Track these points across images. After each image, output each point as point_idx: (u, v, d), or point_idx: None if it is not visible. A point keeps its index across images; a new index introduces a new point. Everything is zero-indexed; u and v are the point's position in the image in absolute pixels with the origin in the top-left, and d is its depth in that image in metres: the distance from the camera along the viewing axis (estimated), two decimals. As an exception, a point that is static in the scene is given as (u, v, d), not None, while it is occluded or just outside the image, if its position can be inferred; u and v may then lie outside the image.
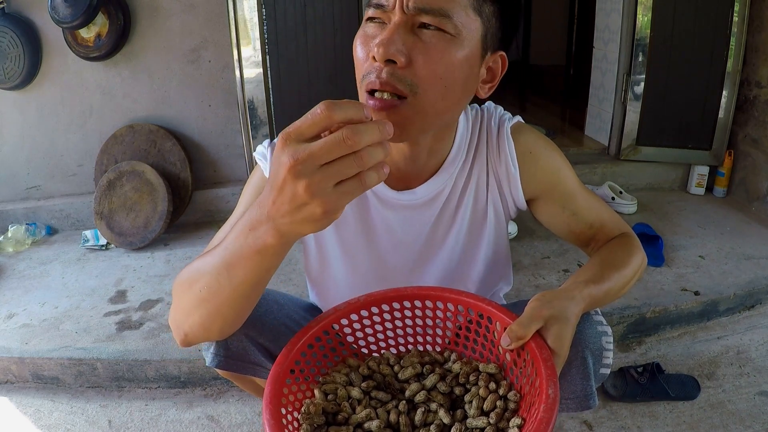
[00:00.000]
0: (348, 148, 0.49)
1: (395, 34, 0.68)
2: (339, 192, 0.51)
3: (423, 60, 0.69)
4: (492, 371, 0.71)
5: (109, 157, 2.40)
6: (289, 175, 0.49)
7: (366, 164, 0.50)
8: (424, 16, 0.68)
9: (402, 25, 0.69)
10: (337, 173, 0.50)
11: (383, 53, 0.67)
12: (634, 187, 2.58)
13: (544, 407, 0.57)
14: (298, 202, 0.51)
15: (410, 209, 0.90)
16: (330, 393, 0.71)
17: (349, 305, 0.78)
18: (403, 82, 0.69)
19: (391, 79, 0.68)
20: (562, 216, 0.92)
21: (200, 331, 0.72)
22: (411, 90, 0.69)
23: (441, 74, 0.70)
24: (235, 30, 2.14)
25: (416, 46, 0.69)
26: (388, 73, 0.68)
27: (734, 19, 2.28)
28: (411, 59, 0.68)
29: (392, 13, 0.69)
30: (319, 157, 0.49)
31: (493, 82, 0.79)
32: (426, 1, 0.68)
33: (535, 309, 0.67)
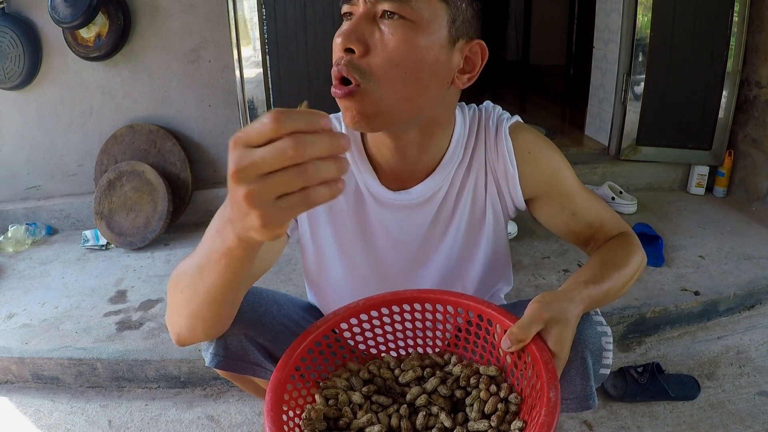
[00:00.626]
0: (290, 160, 0.44)
1: (356, 25, 0.71)
2: (278, 206, 0.46)
3: (380, 48, 0.71)
4: (493, 374, 0.71)
5: (109, 157, 2.40)
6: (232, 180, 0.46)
7: (311, 179, 0.45)
8: (384, 4, 0.70)
9: (364, 15, 0.72)
10: (278, 185, 0.45)
11: (342, 43, 0.71)
12: (634, 187, 2.58)
13: (546, 411, 0.57)
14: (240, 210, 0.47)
15: (406, 209, 0.90)
16: (331, 398, 0.71)
17: (349, 309, 0.78)
18: (357, 70, 0.72)
19: (346, 67, 0.72)
20: (561, 216, 0.92)
21: (188, 331, 0.72)
22: (364, 77, 0.72)
23: (397, 61, 0.72)
24: (235, 30, 2.15)
25: (374, 35, 0.72)
26: (346, 61, 0.72)
27: (734, 19, 2.28)
28: (368, 48, 0.71)
29: (358, 6, 0.73)
30: (259, 166, 0.44)
31: (472, 73, 0.80)
32: None
33: (535, 311, 0.67)
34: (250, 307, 0.86)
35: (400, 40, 0.71)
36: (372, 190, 0.89)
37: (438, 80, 0.77)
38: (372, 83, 0.72)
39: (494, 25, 4.71)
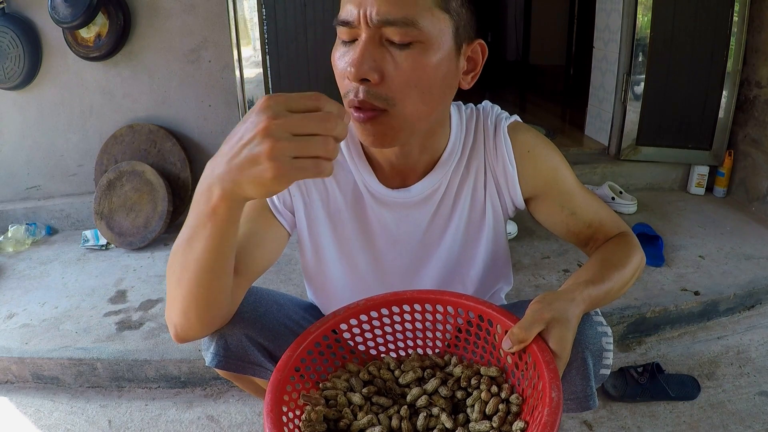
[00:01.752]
0: (323, 130, 0.53)
1: (365, 52, 0.69)
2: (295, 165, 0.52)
3: (395, 73, 0.70)
4: (493, 374, 0.71)
5: (109, 157, 2.40)
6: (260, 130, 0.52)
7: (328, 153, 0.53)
8: (389, 28, 0.69)
9: (370, 41, 0.70)
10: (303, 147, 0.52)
11: (356, 74, 0.69)
12: (634, 187, 2.58)
13: (548, 411, 0.57)
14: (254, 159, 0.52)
15: (405, 207, 0.90)
16: (331, 399, 0.71)
17: (348, 310, 0.78)
18: (380, 98, 0.71)
19: (367, 97, 0.71)
20: (560, 215, 0.92)
21: (183, 319, 0.73)
22: (388, 104, 0.72)
23: (416, 83, 0.72)
24: (235, 30, 2.15)
25: (386, 61, 0.70)
26: (364, 91, 0.71)
27: (734, 19, 2.28)
28: (384, 74, 0.70)
29: (359, 29, 0.70)
30: (295, 126, 0.52)
31: (475, 71, 0.80)
32: (388, 12, 0.68)
33: (537, 311, 0.67)
34: (250, 307, 0.86)
35: (415, 63, 0.71)
36: (370, 188, 0.89)
37: (450, 89, 0.78)
38: (395, 107, 0.72)
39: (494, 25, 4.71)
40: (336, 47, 0.75)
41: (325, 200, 0.90)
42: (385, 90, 0.71)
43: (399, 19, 0.68)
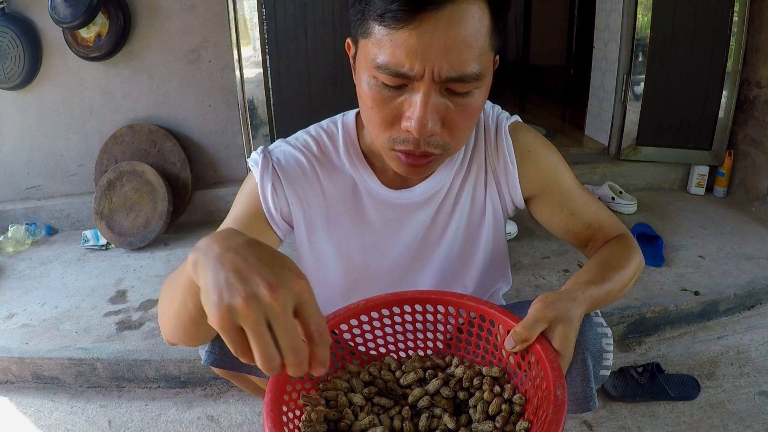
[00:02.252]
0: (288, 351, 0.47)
1: (430, 108, 0.66)
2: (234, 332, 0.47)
3: (456, 122, 0.70)
4: (496, 375, 0.71)
5: (109, 157, 2.40)
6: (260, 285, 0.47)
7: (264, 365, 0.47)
8: (455, 84, 0.66)
9: (434, 91, 0.66)
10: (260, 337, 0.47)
11: (424, 134, 0.67)
12: (634, 187, 2.58)
13: (554, 408, 0.57)
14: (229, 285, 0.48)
15: (407, 207, 0.90)
16: (331, 400, 0.70)
17: (349, 310, 0.78)
18: (438, 146, 0.71)
19: (428, 148, 0.71)
20: (560, 215, 0.92)
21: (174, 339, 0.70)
22: (445, 149, 0.72)
23: (470, 124, 0.73)
24: (235, 30, 2.14)
25: (448, 111, 0.69)
26: (425, 142, 0.70)
27: (734, 19, 2.28)
28: (443, 124, 0.69)
29: (417, 80, 0.66)
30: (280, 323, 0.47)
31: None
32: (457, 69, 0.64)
33: (539, 311, 0.67)
34: None
35: (472, 109, 0.70)
36: (371, 189, 0.89)
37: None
38: (448, 150, 0.73)
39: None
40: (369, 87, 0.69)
41: (322, 205, 0.90)
42: (444, 138, 0.71)
43: (465, 75, 0.66)
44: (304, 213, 0.90)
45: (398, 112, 0.69)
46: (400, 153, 0.72)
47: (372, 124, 0.73)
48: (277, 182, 0.86)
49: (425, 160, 0.73)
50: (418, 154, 0.71)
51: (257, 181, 0.86)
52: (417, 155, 0.72)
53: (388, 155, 0.75)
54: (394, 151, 0.73)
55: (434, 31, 0.62)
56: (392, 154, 0.74)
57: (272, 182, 0.86)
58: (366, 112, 0.74)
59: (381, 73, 0.66)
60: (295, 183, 0.87)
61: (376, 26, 0.65)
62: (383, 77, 0.67)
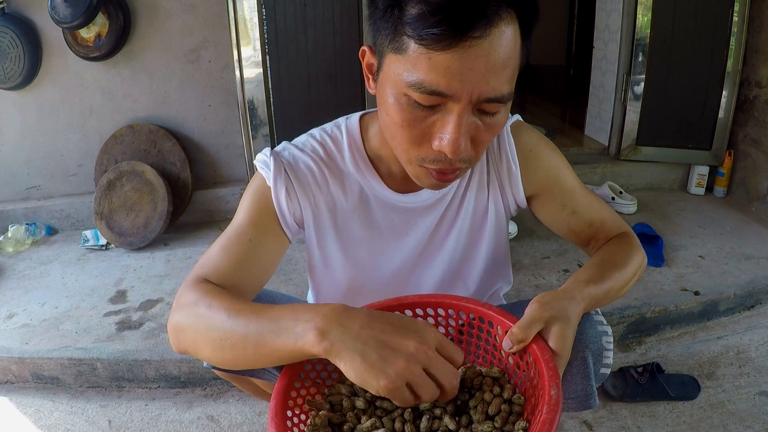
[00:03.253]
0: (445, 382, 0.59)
1: (463, 129, 0.66)
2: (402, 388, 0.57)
3: (483, 139, 0.70)
4: (495, 375, 0.71)
5: (109, 157, 2.40)
6: (409, 348, 0.58)
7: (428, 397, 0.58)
8: (489, 105, 0.66)
9: (467, 113, 0.66)
10: (422, 383, 0.57)
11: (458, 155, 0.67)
12: (634, 187, 2.58)
13: (547, 408, 0.57)
14: (383, 358, 0.57)
15: (415, 211, 0.90)
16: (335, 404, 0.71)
17: None
18: (465, 161, 0.71)
19: (458, 164, 0.71)
20: (562, 214, 0.92)
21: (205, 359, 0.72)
22: (470, 162, 0.73)
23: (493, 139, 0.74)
24: (235, 30, 2.14)
25: (478, 130, 0.69)
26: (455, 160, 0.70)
27: (734, 19, 2.28)
28: (472, 140, 0.69)
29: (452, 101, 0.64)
30: (432, 366, 0.58)
31: None
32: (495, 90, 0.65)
33: (536, 311, 0.67)
34: None
35: (499, 126, 0.71)
36: (378, 193, 0.89)
37: None
38: (472, 163, 0.74)
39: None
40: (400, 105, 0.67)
41: (332, 208, 0.90)
42: (470, 152, 0.70)
43: (501, 96, 0.66)
44: (314, 217, 0.90)
45: (429, 132, 0.68)
46: (432, 170, 0.72)
47: (399, 141, 0.72)
48: (290, 186, 0.86)
49: (453, 175, 0.73)
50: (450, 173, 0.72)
51: (270, 183, 0.85)
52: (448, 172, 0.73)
53: (415, 170, 0.74)
54: (423, 168, 0.73)
55: (477, 56, 0.61)
56: (421, 170, 0.73)
57: (285, 186, 0.85)
58: (392, 129, 0.71)
59: (415, 91, 0.64)
60: (306, 187, 0.87)
61: (412, 44, 0.62)
62: (416, 96, 0.65)
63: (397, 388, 0.55)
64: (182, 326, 0.71)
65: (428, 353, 0.57)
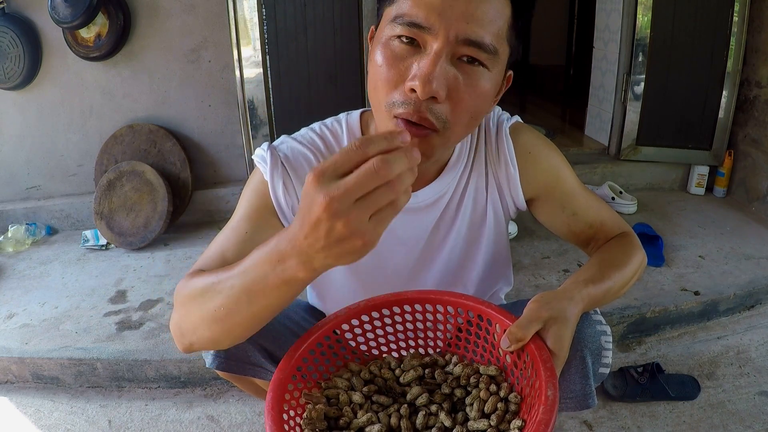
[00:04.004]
0: (381, 179, 0.48)
1: (438, 68, 0.64)
2: (375, 222, 0.50)
3: (460, 97, 0.68)
4: (492, 373, 0.71)
5: (109, 157, 2.40)
6: (324, 213, 0.48)
7: (399, 192, 0.49)
8: (470, 48, 0.65)
9: (446, 56, 0.65)
10: (373, 205, 0.49)
11: (428, 91, 0.64)
12: (634, 187, 2.58)
13: (543, 408, 0.57)
14: (336, 238, 0.50)
15: (411, 212, 0.90)
16: (332, 398, 0.71)
17: (350, 310, 0.78)
18: (439, 118, 0.68)
19: (428, 115, 0.67)
20: (562, 216, 0.92)
21: (209, 344, 0.71)
22: (444, 126, 0.69)
23: (472, 109, 0.70)
24: (235, 30, 2.14)
25: (456, 82, 0.67)
26: (426, 107, 0.67)
27: (734, 19, 2.28)
28: (449, 94, 0.67)
29: (431, 37, 0.65)
30: (354, 192, 0.48)
31: (497, 97, 0.79)
32: (477, 34, 0.64)
33: (534, 310, 0.67)
34: None
35: (481, 89, 0.69)
36: None
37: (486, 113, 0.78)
38: (447, 130, 0.70)
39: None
40: (383, 45, 0.69)
41: None
42: (445, 110, 0.68)
43: (481, 43, 0.65)
44: None
45: (406, 73, 0.67)
46: (400, 120, 0.69)
47: (377, 87, 0.70)
48: (287, 179, 0.85)
49: (423, 131, 0.69)
50: (416, 120, 0.67)
51: (267, 177, 0.85)
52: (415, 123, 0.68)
53: (386, 125, 0.71)
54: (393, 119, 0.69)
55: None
56: (391, 123, 0.70)
57: (282, 179, 0.85)
58: (374, 77, 0.70)
59: (398, 25, 0.66)
60: (304, 180, 0.87)
61: None
62: (399, 29, 0.66)
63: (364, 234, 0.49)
64: (179, 319, 0.71)
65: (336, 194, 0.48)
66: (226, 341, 0.70)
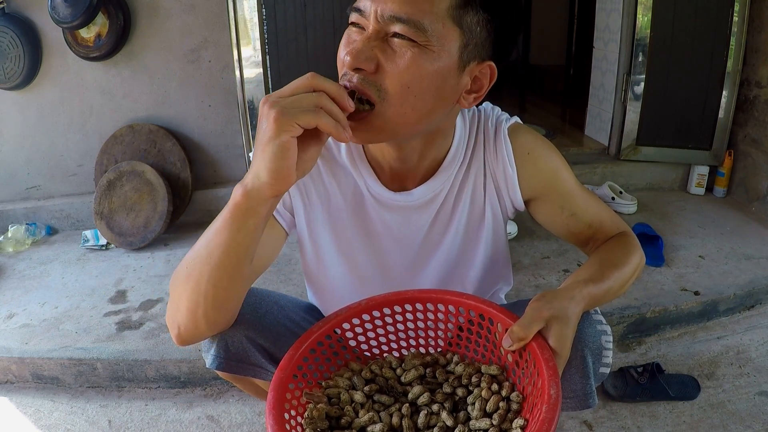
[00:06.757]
0: (310, 87, 0.62)
1: (365, 44, 0.70)
2: (296, 111, 0.60)
3: (390, 68, 0.70)
4: (494, 372, 0.71)
5: (109, 157, 2.40)
6: (264, 107, 0.61)
7: (321, 102, 0.62)
8: (396, 25, 0.69)
9: (374, 34, 0.71)
10: (299, 99, 0.61)
11: (351, 62, 0.70)
12: (634, 187, 2.58)
13: (547, 407, 0.57)
14: (268, 131, 0.60)
15: (407, 210, 0.90)
16: (333, 397, 0.71)
17: (351, 309, 0.78)
18: (373, 86, 0.71)
19: (361, 84, 0.71)
20: (560, 216, 0.92)
21: (189, 319, 0.73)
22: (379, 96, 0.71)
23: (408, 83, 0.70)
24: (235, 30, 2.15)
25: (385, 54, 0.70)
26: (359, 78, 0.71)
27: (734, 19, 2.28)
28: (379, 66, 0.70)
29: (366, 20, 0.72)
30: (287, 93, 0.62)
31: (479, 93, 0.78)
32: (399, 11, 0.68)
33: (536, 310, 0.67)
34: (250, 308, 0.86)
35: (411, 62, 0.70)
36: (372, 190, 0.89)
37: (444, 102, 0.76)
38: (385, 102, 0.71)
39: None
40: (345, 33, 0.76)
41: (325, 202, 0.90)
42: (379, 79, 0.70)
43: (408, 19, 0.68)
44: (305, 208, 0.90)
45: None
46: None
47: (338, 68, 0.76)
48: None
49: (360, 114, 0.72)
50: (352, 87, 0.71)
51: None
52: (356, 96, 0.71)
53: None
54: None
55: None
56: None
57: None
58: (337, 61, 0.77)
59: (351, 12, 0.75)
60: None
61: None
62: (352, 16, 0.74)
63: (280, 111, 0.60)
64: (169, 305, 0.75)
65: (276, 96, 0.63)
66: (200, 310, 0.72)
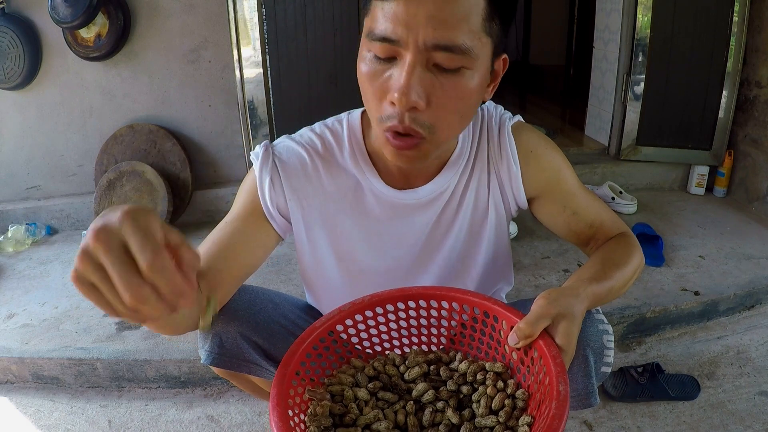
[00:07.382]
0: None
1: (413, 78, 0.66)
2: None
3: (442, 101, 0.69)
4: (499, 370, 0.71)
5: (109, 157, 2.40)
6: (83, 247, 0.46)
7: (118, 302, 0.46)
8: (440, 53, 0.66)
9: (418, 65, 0.66)
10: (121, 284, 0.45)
11: (406, 103, 0.66)
12: (634, 187, 2.58)
13: (556, 404, 0.57)
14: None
15: (411, 208, 0.90)
16: (336, 394, 0.71)
17: (354, 306, 0.78)
18: (423, 125, 0.70)
19: (412, 124, 0.69)
20: (562, 215, 0.92)
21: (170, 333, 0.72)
22: (430, 131, 0.71)
23: (457, 109, 0.71)
24: (235, 30, 2.14)
25: (434, 87, 0.68)
26: (410, 118, 0.69)
27: (734, 19, 2.28)
28: (429, 101, 0.68)
29: (403, 49, 0.66)
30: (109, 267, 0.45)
31: (495, 83, 0.79)
32: (442, 37, 0.64)
33: (543, 307, 0.67)
34: (245, 305, 0.86)
35: (460, 89, 0.69)
36: (374, 189, 0.88)
37: (479, 105, 0.78)
38: (434, 134, 0.72)
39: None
40: (365, 61, 0.71)
41: (323, 203, 0.90)
42: (428, 117, 0.69)
43: (452, 46, 0.65)
44: (302, 209, 0.89)
45: (387, 86, 0.69)
46: (389, 134, 0.71)
47: (367, 102, 0.74)
48: (275, 176, 0.86)
49: (411, 141, 0.71)
50: (402, 131, 0.70)
51: (256, 174, 0.86)
52: (402, 134, 0.70)
53: (381, 140, 0.74)
54: (385, 134, 0.72)
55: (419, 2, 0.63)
56: (383, 137, 0.73)
57: (270, 176, 0.86)
58: (363, 92, 0.74)
59: (371, 41, 0.68)
60: (293, 178, 0.87)
61: (373, 1, 0.68)
62: (375, 48, 0.68)
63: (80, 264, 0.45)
64: None
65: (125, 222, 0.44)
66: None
